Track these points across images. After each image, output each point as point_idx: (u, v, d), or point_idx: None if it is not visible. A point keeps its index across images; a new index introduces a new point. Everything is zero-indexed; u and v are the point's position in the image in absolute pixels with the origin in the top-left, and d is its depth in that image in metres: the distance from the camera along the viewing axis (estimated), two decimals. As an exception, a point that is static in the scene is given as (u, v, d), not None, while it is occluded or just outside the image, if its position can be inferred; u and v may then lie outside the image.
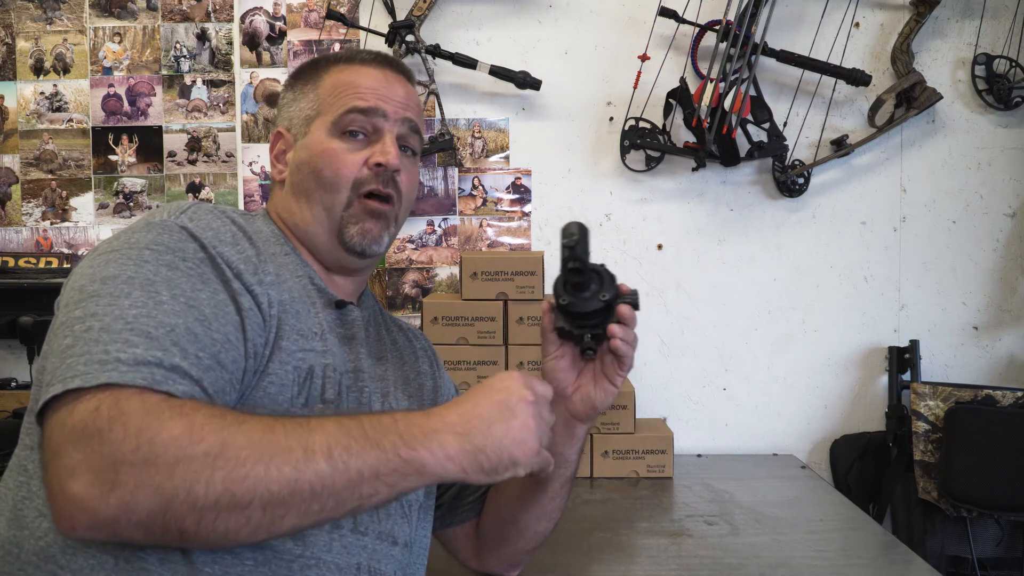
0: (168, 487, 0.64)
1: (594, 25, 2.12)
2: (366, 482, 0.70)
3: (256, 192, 2.15)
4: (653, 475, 1.80)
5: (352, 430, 0.70)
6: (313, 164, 0.95)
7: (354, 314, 0.97)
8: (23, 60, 2.14)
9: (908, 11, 2.06)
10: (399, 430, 0.71)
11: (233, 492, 0.65)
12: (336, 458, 0.68)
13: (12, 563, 0.75)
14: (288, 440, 0.68)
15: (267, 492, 0.66)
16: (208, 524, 0.66)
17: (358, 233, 0.95)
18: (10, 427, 1.69)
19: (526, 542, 1.08)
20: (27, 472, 0.78)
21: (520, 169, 2.14)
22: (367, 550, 0.86)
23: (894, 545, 1.44)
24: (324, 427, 0.70)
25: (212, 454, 0.65)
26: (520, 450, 0.75)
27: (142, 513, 0.64)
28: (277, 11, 2.14)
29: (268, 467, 0.66)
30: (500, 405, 0.76)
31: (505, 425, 0.75)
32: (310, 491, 0.68)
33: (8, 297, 1.93)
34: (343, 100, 0.96)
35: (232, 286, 0.82)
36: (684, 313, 2.11)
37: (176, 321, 0.74)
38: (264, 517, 0.67)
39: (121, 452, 0.64)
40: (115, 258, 0.78)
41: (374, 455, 0.70)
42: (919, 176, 2.12)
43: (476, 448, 0.73)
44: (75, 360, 0.69)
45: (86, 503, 0.64)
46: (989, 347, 2.12)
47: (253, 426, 0.68)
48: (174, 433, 0.65)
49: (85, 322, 0.72)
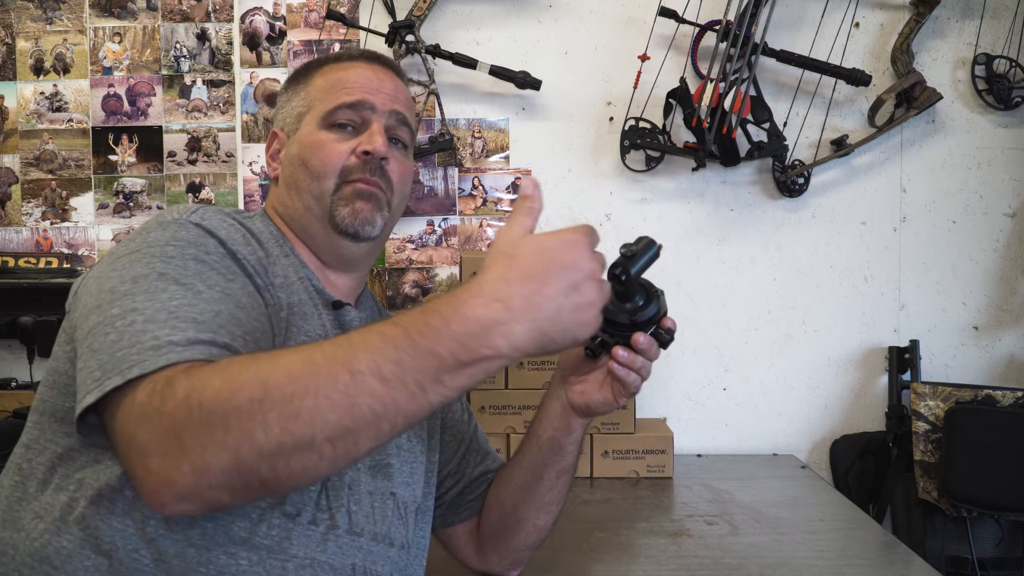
0: (230, 441, 0.63)
1: (594, 25, 2.12)
2: (430, 391, 0.64)
3: (256, 192, 2.15)
4: (653, 475, 1.80)
5: (398, 340, 0.64)
6: (302, 155, 0.97)
7: (351, 315, 0.97)
8: (23, 60, 2.14)
9: (908, 11, 2.06)
10: (453, 332, 0.63)
11: (292, 431, 0.63)
12: (388, 375, 0.63)
13: (7, 564, 0.75)
14: (330, 365, 0.64)
15: (326, 423, 0.63)
16: (283, 467, 0.64)
17: (349, 214, 0.95)
18: (10, 427, 1.69)
19: (526, 536, 1.09)
20: (22, 472, 0.78)
21: (520, 169, 2.14)
22: (362, 551, 0.86)
23: (894, 545, 1.44)
24: (367, 342, 0.65)
25: (257, 398, 0.63)
26: (583, 329, 0.69)
27: (218, 473, 0.64)
28: (277, 11, 2.14)
29: (317, 399, 0.63)
30: (569, 285, 0.67)
31: (573, 307, 0.67)
32: (371, 413, 0.63)
33: (8, 297, 1.93)
34: (332, 96, 0.98)
35: (256, 280, 0.83)
36: (684, 313, 2.11)
37: (219, 308, 0.75)
38: (336, 449, 0.64)
39: (179, 420, 0.64)
40: (139, 258, 0.78)
41: (432, 364, 0.63)
42: (919, 176, 2.12)
43: (543, 335, 0.66)
44: (127, 352, 0.69)
45: (165, 476, 0.65)
46: (989, 347, 2.12)
47: (291, 359, 0.65)
48: (216, 388, 0.64)
49: (126, 318, 0.72)
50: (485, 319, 0.64)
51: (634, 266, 0.85)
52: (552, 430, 1.03)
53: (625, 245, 0.84)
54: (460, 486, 1.12)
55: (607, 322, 0.91)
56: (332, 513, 0.84)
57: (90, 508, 0.74)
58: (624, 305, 0.91)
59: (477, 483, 1.12)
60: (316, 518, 0.83)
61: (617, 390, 0.96)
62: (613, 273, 0.85)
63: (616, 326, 0.92)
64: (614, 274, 0.85)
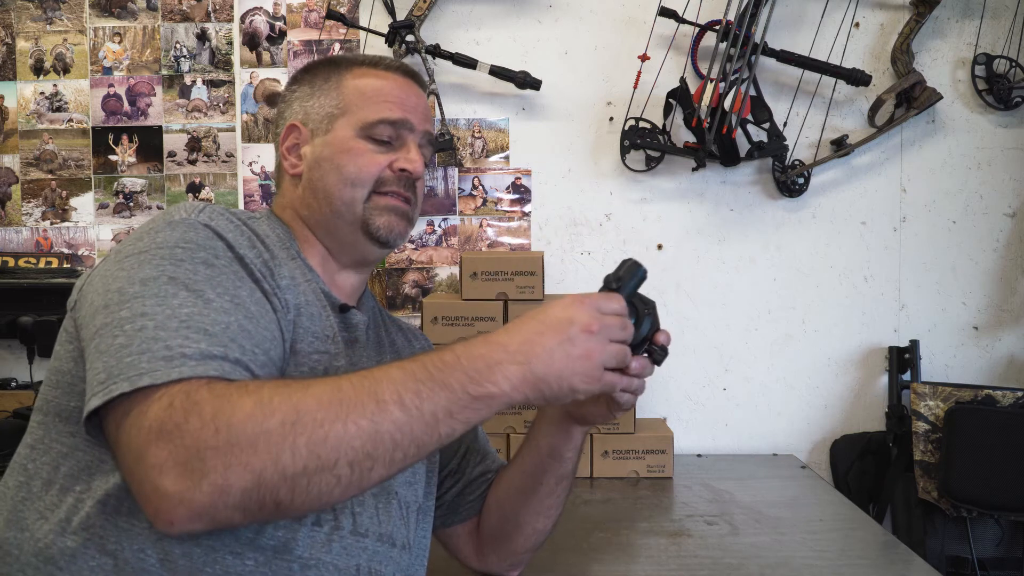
0: (256, 463, 0.65)
1: (594, 25, 2.12)
2: (441, 423, 0.71)
3: (256, 192, 2.15)
4: (653, 475, 1.80)
5: (418, 374, 0.71)
6: (337, 160, 0.96)
7: (357, 318, 0.98)
8: (23, 60, 2.14)
9: (908, 11, 2.06)
10: (463, 367, 0.72)
11: (319, 454, 0.66)
12: (409, 404, 0.69)
13: (11, 564, 0.75)
14: (358, 394, 0.69)
15: (350, 448, 0.67)
16: (301, 490, 0.67)
17: (385, 225, 0.96)
18: (10, 427, 1.69)
19: (525, 539, 1.09)
20: (27, 472, 0.78)
21: (520, 169, 2.14)
22: (367, 552, 0.87)
23: (894, 545, 1.44)
24: (389, 375, 0.71)
25: (289, 421, 0.66)
26: (579, 379, 0.75)
27: (237, 494, 0.65)
28: (277, 11, 2.14)
29: (346, 424, 0.67)
30: (561, 335, 0.75)
31: (566, 355, 0.74)
32: (391, 440, 0.69)
33: (8, 297, 1.93)
34: (373, 107, 0.97)
35: (263, 285, 0.83)
36: (684, 313, 2.11)
37: (229, 319, 0.75)
38: (353, 474, 0.68)
39: (203, 440, 0.65)
40: (147, 259, 0.77)
41: (444, 396, 0.71)
42: (919, 176, 2.12)
43: (538, 378, 0.74)
44: (136, 358, 0.69)
45: (181, 496, 0.65)
46: (989, 347, 2.12)
47: (320, 388, 0.69)
48: (247, 410, 0.66)
49: (136, 322, 0.71)
50: (488, 357, 0.73)
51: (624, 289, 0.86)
52: (551, 437, 1.04)
53: (609, 276, 0.86)
54: (460, 486, 1.12)
55: None
56: (337, 514, 0.84)
57: (96, 508, 0.74)
58: None
59: (477, 483, 1.13)
60: (321, 519, 0.83)
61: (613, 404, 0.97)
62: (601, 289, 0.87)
63: None
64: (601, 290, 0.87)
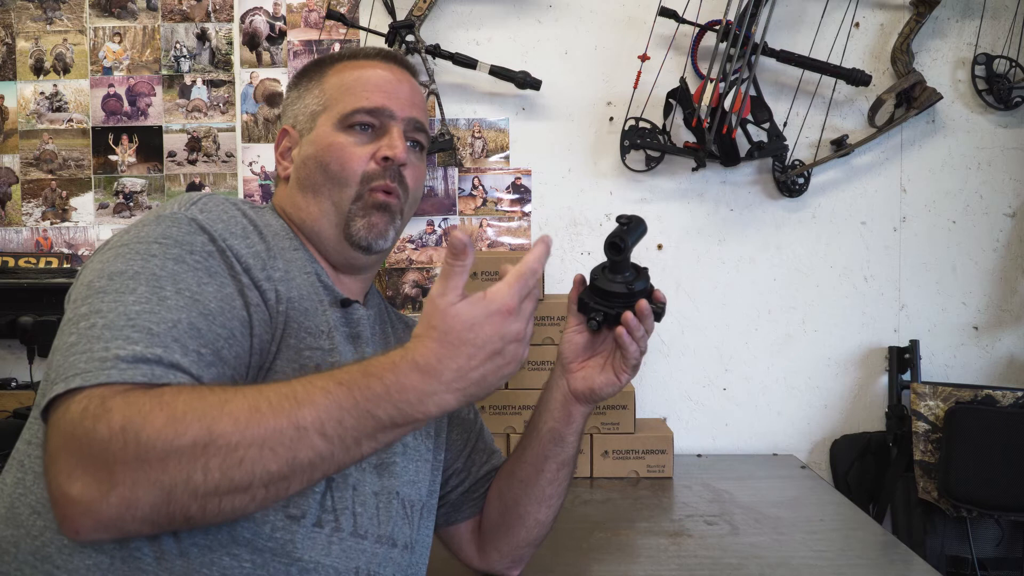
0: (166, 480, 0.64)
1: (594, 25, 2.12)
2: (364, 445, 0.70)
3: (256, 192, 2.15)
4: (653, 475, 1.80)
5: (343, 402, 0.69)
6: (320, 158, 0.95)
7: (359, 312, 0.96)
8: (23, 60, 2.14)
9: (908, 11, 2.06)
10: (393, 400, 0.70)
11: (231, 477, 0.66)
12: (331, 433, 0.68)
13: (9, 563, 0.74)
14: (277, 420, 0.67)
15: (265, 472, 0.67)
16: (213, 507, 0.66)
17: (364, 227, 0.94)
18: (10, 427, 1.69)
19: (527, 531, 1.09)
20: (23, 468, 0.78)
21: (520, 169, 2.14)
22: (366, 554, 0.86)
23: (894, 545, 1.44)
24: (312, 400, 0.68)
25: (201, 443, 0.65)
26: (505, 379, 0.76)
27: (145, 508, 0.65)
28: (277, 11, 2.14)
29: (262, 450, 0.66)
30: (493, 353, 0.73)
31: (497, 368, 0.74)
32: (309, 464, 0.68)
33: (8, 297, 1.93)
34: (350, 97, 0.96)
35: (240, 280, 0.82)
36: (684, 313, 2.11)
37: (179, 316, 0.74)
38: (268, 492, 0.68)
39: (111, 451, 0.64)
40: (124, 252, 0.78)
41: (370, 424, 0.69)
42: (919, 176, 2.12)
43: (470, 396, 0.73)
44: (77, 358, 0.69)
45: (88, 505, 0.64)
46: (989, 347, 2.12)
47: (238, 406, 0.67)
48: (157, 426, 0.65)
49: (89, 319, 0.72)
50: (421, 391, 0.70)
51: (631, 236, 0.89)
52: (553, 421, 1.04)
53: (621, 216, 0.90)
54: (466, 484, 1.12)
55: (603, 295, 0.96)
56: (337, 515, 0.84)
57: None
58: (618, 277, 0.95)
59: (482, 481, 1.13)
60: (321, 520, 0.82)
61: (619, 367, 0.98)
62: (612, 242, 0.90)
63: (613, 297, 0.95)
64: (612, 242, 0.90)
